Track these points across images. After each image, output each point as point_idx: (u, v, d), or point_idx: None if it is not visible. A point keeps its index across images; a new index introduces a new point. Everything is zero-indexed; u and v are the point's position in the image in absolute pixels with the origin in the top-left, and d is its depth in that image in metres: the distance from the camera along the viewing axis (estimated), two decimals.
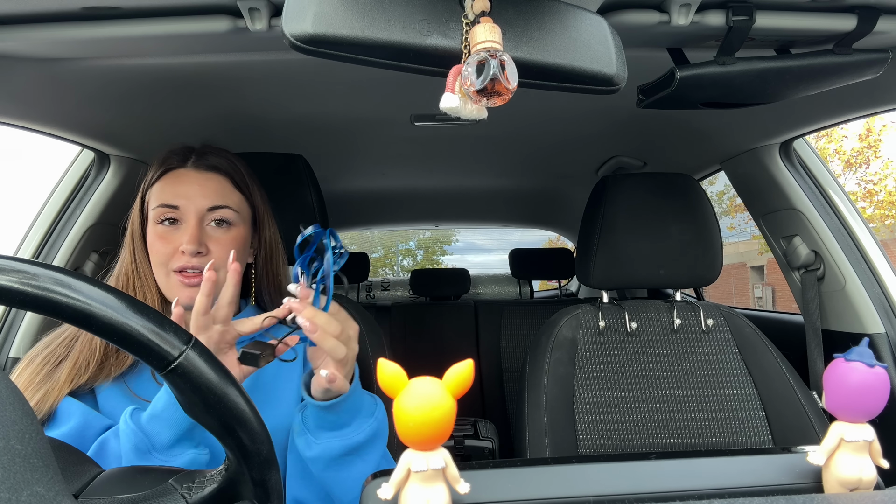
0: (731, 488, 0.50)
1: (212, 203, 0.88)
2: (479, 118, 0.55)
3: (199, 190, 0.87)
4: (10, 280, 0.39)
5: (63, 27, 0.77)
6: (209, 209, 0.87)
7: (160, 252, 0.86)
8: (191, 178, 0.88)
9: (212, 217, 0.88)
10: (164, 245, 0.86)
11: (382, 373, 0.43)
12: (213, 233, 0.88)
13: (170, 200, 0.86)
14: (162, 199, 0.87)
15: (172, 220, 0.86)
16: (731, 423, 1.21)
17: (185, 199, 0.86)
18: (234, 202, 0.91)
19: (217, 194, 0.89)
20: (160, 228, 0.86)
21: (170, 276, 0.86)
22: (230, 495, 0.46)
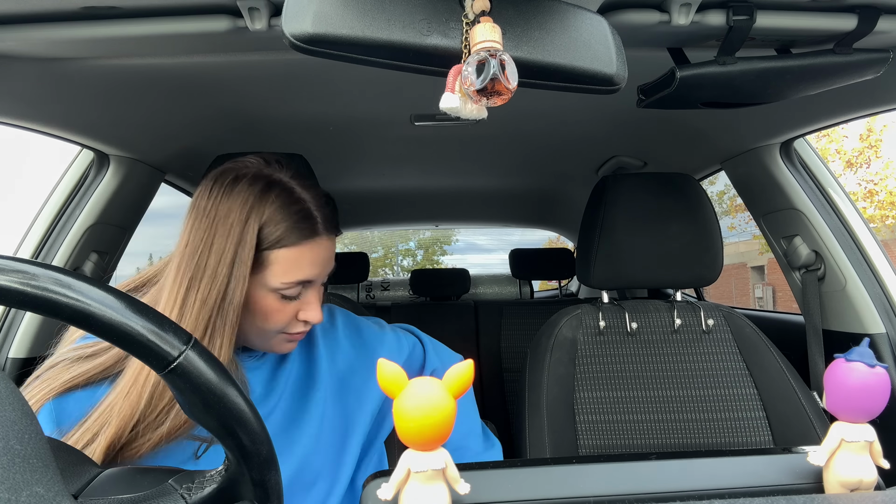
0: (732, 489, 0.50)
1: (332, 267, 0.81)
2: (479, 118, 0.55)
3: (329, 259, 0.79)
4: (10, 280, 0.39)
5: (63, 27, 0.77)
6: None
7: (279, 321, 0.76)
8: (325, 247, 0.78)
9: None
10: (283, 315, 0.76)
11: (382, 373, 0.43)
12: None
13: (306, 276, 0.75)
14: (298, 274, 0.74)
15: (299, 294, 0.77)
16: (731, 423, 1.21)
17: (320, 272, 0.78)
18: None
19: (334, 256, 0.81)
20: (284, 301, 0.76)
21: (277, 336, 0.78)
22: (230, 495, 0.46)
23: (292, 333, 0.79)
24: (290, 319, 0.78)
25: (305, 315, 0.78)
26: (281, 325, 0.77)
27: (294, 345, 0.81)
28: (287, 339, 0.80)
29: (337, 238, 0.83)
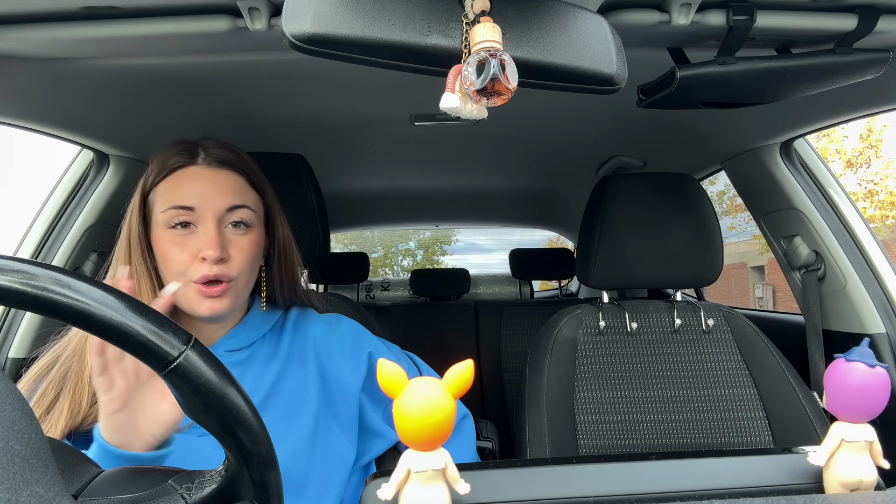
0: (732, 488, 0.50)
1: (230, 202, 0.80)
2: (479, 118, 0.55)
3: (216, 188, 0.80)
4: (10, 280, 0.39)
5: (63, 27, 0.77)
6: (228, 209, 0.80)
7: (176, 260, 0.78)
8: (204, 176, 0.80)
9: (230, 218, 0.80)
10: (180, 252, 0.78)
11: (382, 373, 0.43)
12: (233, 236, 0.81)
13: (183, 201, 0.78)
14: (173, 199, 0.78)
15: (186, 223, 0.78)
16: (731, 423, 1.21)
17: (201, 199, 0.78)
18: (251, 201, 0.84)
19: (234, 193, 0.81)
20: (173, 233, 0.78)
21: (188, 287, 0.78)
22: (230, 495, 0.46)
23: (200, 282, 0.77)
24: (191, 259, 0.78)
25: (201, 250, 0.77)
26: (181, 265, 0.78)
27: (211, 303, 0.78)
28: (199, 291, 0.78)
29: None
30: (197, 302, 0.79)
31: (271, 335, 0.91)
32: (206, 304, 0.79)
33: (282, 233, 0.91)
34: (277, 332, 0.92)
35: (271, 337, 0.91)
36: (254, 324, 0.90)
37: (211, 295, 0.78)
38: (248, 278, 0.84)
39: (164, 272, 0.80)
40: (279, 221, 0.91)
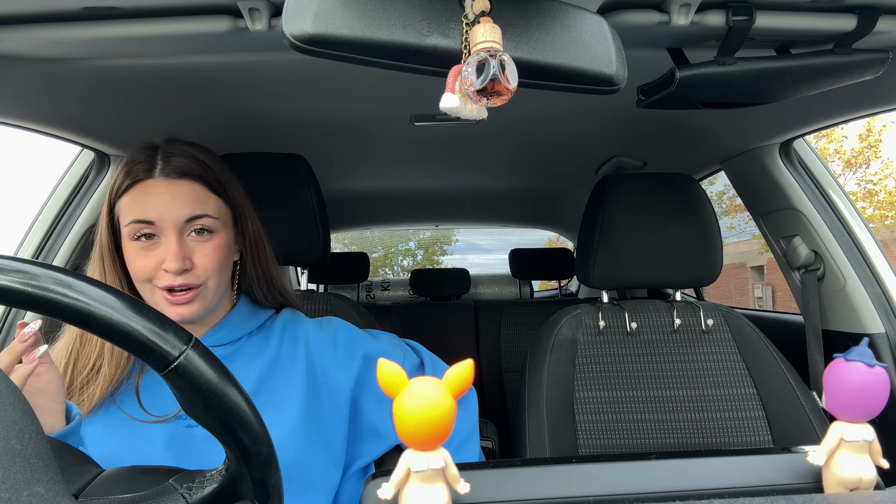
0: (731, 488, 0.50)
1: (189, 213, 0.81)
2: (479, 118, 0.55)
3: (173, 201, 0.81)
4: (10, 280, 0.39)
5: (63, 27, 0.77)
6: (187, 220, 0.81)
7: (142, 269, 0.80)
8: (162, 189, 0.81)
9: (192, 227, 0.82)
10: (144, 262, 0.80)
11: (382, 373, 0.43)
12: (195, 244, 0.82)
13: (143, 215, 0.80)
14: (134, 213, 0.80)
15: (149, 234, 0.81)
16: (730, 423, 1.21)
17: (160, 213, 0.80)
18: (212, 208, 0.84)
19: (193, 202, 0.82)
20: (138, 245, 0.81)
21: (154, 293, 0.81)
22: (230, 495, 0.46)
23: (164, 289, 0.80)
24: (154, 268, 0.80)
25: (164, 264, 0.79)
26: (146, 273, 0.80)
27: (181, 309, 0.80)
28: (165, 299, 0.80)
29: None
30: (165, 308, 0.80)
31: (259, 335, 0.92)
32: (175, 311, 0.80)
33: (251, 229, 0.92)
34: (266, 333, 0.92)
35: (259, 336, 0.92)
36: (237, 321, 0.90)
37: (178, 302, 0.80)
38: (218, 281, 0.85)
39: (134, 279, 0.83)
40: (248, 218, 0.92)
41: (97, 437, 0.78)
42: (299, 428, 0.84)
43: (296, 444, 0.83)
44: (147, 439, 0.78)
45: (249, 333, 0.91)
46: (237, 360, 0.88)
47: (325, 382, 0.90)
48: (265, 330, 0.93)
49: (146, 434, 0.79)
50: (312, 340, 0.93)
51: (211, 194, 0.85)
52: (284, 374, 0.88)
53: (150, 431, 0.79)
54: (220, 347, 0.88)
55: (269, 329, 0.93)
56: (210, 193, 0.85)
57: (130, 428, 0.79)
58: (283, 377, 0.88)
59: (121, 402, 0.81)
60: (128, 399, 0.81)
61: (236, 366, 0.87)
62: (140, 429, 0.79)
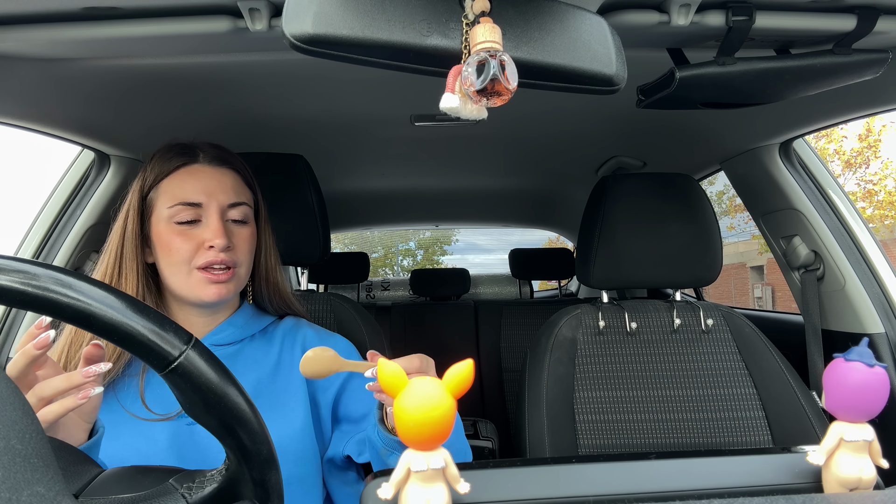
0: (731, 488, 0.50)
1: (232, 199, 0.85)
2: (479, 118, 0.55)
3: (219, 185, 0.85)
4: (11, 280, 0.39)
5: (63, 27, 0.77)
6: (230, 205, 0.85)
7: (182, 249, 0.81)
8: (207, 173, 0.85)
9: (231, 214, 0.85)
10: (184, 242, 0.82)
11: (382, 373, 0.43)
12: (234, 228, 0.86)
13: (190, 198, 0.83)
14: (180, 196, 0.83)
15: (191, 221, 0.83)
16: (730, 423, 1.21)
17: (207, 195, 0.83)
18: (248, 198, 0.89)
19: (235, 190, 0.87)
20: (177, 229, 0.82)
21: (192, 274, 0.82)
22: (230, 495, 0.46)
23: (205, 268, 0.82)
24: (196, 248, 0.82)
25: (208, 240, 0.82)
26: (186, 253, 0.82)
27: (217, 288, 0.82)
28: (204, 277, 0.82)
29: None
30: (202, 287, 0.82)
31: (262, 339, 0.92)
32: (213, 289, 0.82)
33: (267, 235, 0.95)
34: (268, 338, 0.93)
35: (261, 341, 0.92)
36: (241, 322, 0.91)
37: (218, 280, 0.82)
38: (247, 270, 0.89)
39: (166, 263, 0.83)
40: (265, 220, 0.95)
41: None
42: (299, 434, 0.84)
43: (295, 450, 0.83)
44: (149, 438, 0.78)
45: (252, 336, 0.92)
46: (239, 363, 0.88)
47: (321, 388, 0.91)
48: (268, 334, 0.94)
49: (148, 432, 0.79)
50: (309, 344, 0.93)
51: (246, 187, 0.90)
52: (285, 380, 0.89)
53: (152, 430, 0.79)
54: (222, 347, 0.88)
55: (272, 334, 0.94)
56: (245, 186, 0.90)
57: (133, 426, 0.79)
58: (283, 383, 0.88)
59: (124, 400, 0.81)
60: (131, 397, 0.82)
61: (238, 368, 0.87)
62: (142, 427, 0.79)
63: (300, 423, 0.85)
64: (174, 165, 0.85)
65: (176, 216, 0.82)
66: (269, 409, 0.85)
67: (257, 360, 0.89)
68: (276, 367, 0.90)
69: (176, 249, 0.82)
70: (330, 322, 1.24)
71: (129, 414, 0.80)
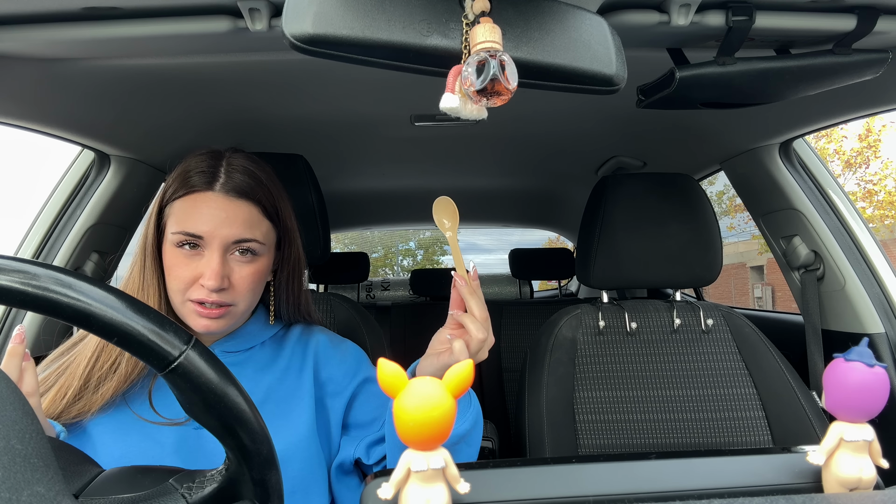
0: (731, 488, 0.50)
1: (238, 235, 0.80)
2: (479, 118, 0.55)
3: (227, 220, 0.80)
4: (11, 280, 0.39)
5: (63, 27, 0.77)
6: (235, 241, 0.80)
7: (179, 278, 0.79)
8: (218, 205, 0.80)
9: (236, 248, 0.81)
10: (183, 271, 0.79)
11: (382, 373, 0.43)
12: (236, 265, 0.81)
13: (192, 229, 0.79)
14: (183, 225, 0.79)
15: (193, 245, 0.80)
16: (730, 422, 1.21)
17: (210, 228, 0.79)
18: (261, 233, 0.83)
19: (245, 225, 0.81)
20: (180, 252, 0.80)
21: (185, 304, 0.80)
22: (230, 495, 0.46)
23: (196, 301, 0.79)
24: (191, 280, 0.79)
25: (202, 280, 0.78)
26: (182, 282, 0.79)
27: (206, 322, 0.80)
28: (195, 310, 0.79)
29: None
30: (192, 319, 0.80)
31: (272, 344, 0.92)
32: (202, 323, 0.80)
33: (293, 254, 0.91)
34: (278, 343, 0.92)
35: (272, 346, 0.92)
36: (254, 330, 0.91)
37: (209, 315, 0.80)
38: (249, 304, 0.85)
39: (168, 282, 0.82)
40: (293, 242, 0.91)
41: (107, 438, 0.77)
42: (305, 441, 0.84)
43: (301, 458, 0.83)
44: (156, 441, 0.78)
45: (262, 343, 0.91)
46: (248, 369, 0.87)
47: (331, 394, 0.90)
48: (278, 339, 0.93)
49: (156, 436, 0.78)
50: (321, 350, 0.93)
51: (263, 218, 0.84)
52: (293, 385, 0.88)
53: (159, 433, 0.78)
54: (232, 354, 0.88)
55: (283, 339, 0.93)
56: (263, 217, 0.84)
57: (140, 429, 0.78)
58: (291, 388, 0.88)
59: (132, 404, 0.81)
60: (139, 401, 0.81)
61: (247, 374, 0.86)
62: (150, 430, 0.79)
63: (306, 429, 0.84)
64: (188, 188, 0.81)
65: (178, 242, 0.80)
66: (276, 414, 0.84)
67: (267, 365, 0.89)
68: (285, 372, 0.89)
69: (175, 276, 0.80)
70: (330, 322, 1.24)
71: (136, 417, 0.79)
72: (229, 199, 0.81)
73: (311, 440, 0.84)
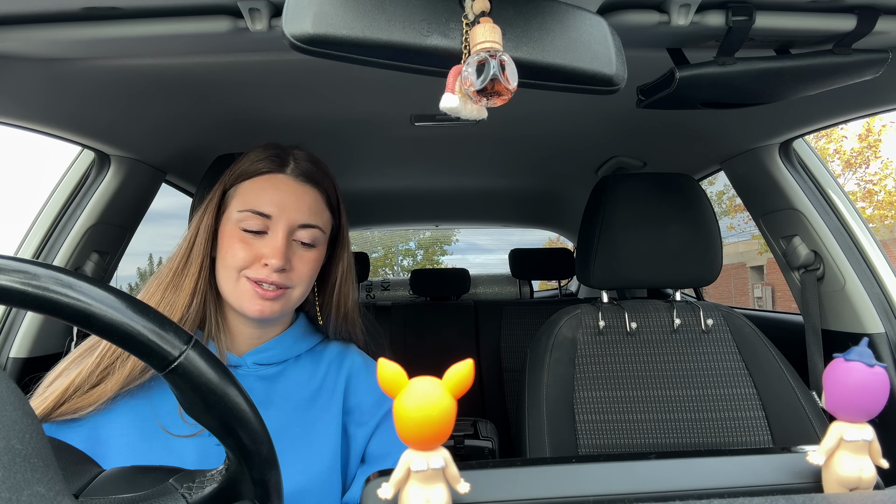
0: (731, 488, 0.50)
1: (305, 219, 0.81)
2: (479, 118, 0.55)
3: (296, 203, 0.81)
4: (11, 280, 0.39)
5: (63, 27, 0.77)
6: (301, 225, 0.81)
7: (238, 257, 0.78)
8: (288, 188, 0.81)
9: (300, 234, 0.82)
10: (243, 250, 0.79)
11: (382, 373, 0.43)
12: (298, 249, 0.82)
13: (262, 208, 0.79)
14: (252, 203, 0.80)
15: (258, 231, 0.80)
16: (730, 422, 1.21)
17: (279, 209, 0.80)
18: (323, 221, 0.84)
19: (311, 211, 0.82)
20: (241, 234, 0.79)
21: (240, 282, 0.79)
22: (230, 495, 0.46)
23: (256, 280, 0.78)
24: (252, 259, 0.79)
25: (266, 256, 0.78)
26: (241, 262, 0.79)
27: (262, 305, 0.79)
28: (252, 290, 0.78)
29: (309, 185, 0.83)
30: (248, 300, 0.79)
31: (308, 358, 0.89)
32: (258, 306, 0.79)
33: (346, 258, 0.91)
34: (315, 359, 0.89)
35: (308, 360, 0.88)
36: (290, 341, 0.88)
37: (265, 297, 0.79)
38: (303, 292, 0.84)
39: (222, 264, 0.81)
40: (346, 245, 0.91)
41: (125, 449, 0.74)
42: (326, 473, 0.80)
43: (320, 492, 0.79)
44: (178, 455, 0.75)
45: (297, 357, 0.88)
46: (280, 385, 0.84)
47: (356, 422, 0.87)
48: (315, 355, 0.90)
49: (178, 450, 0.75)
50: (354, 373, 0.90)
51: (325, 208, 0.86)
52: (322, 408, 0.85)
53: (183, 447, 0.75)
54: (266, 367, 0.85)
55: (320, 354, 0.90)
56: (325, 207, 0.86)
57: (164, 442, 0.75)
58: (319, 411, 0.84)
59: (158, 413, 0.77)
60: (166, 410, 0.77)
61: (278, 391, 0.83)
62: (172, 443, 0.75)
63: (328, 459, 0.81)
64: (259, 169, 0.82)
65: (243, 222, 0.80)
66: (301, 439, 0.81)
67: (299, 383, 0.85)
68: (317, 394, 0.85)
69: (233, 255, 0.79)
70: None
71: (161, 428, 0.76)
72: (299, 182, 0.83)
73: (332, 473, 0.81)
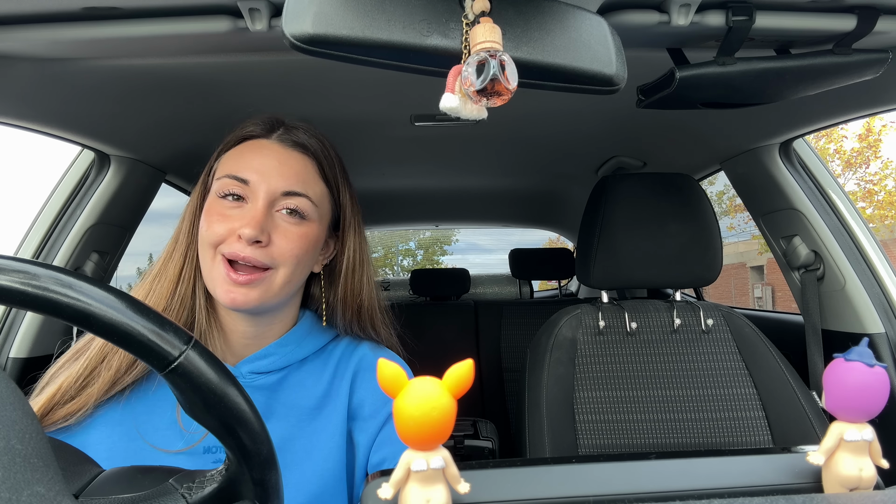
0: (731, 488, 0.50)
1: (288, 186, 0.72)
2: (479, 118, 0.55)
3: (278, 167, 0.72)
4: (11, 280, 0.39)
5: (63, 27, 0.77)
6: (283, 193, 0.72)
7: (213, 231, 0.70)
8: (271, 152, 0.73)
9: (284, 203, 0.72)
10: (219, 223, 0.70)
11: (382, 373, 0.43)
12: (282, 222, 0.72)
13: (239, 172, 0.71)
14: (231, 168, 0.72)
15: (238, 196, 0.71)
16: (730, 422, 1.21)
17: (258, 175, 0.71)
18: (315, 192, 0.75)
19: (297, 177, 0.73)
20: (222, 204, 0.72)
21: (216, 262, 0.70)
22: (230, 495, 0.46)
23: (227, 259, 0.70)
24: (226, 234, 0.70)
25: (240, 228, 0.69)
26: (216, 236, 0.70)
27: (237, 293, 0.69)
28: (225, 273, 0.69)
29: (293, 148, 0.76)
30: (219, 285, 0.70)
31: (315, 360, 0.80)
32: (229, 294, 0.69)
33: (354, 245, 0.81)
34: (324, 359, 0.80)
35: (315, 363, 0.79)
36: (292, 345, 0.78)
37: (237, 282, 0.69)
38: (289, 276, 0.73)
39: (200, 241, 0.73)
40: (354, 231, 0.81)
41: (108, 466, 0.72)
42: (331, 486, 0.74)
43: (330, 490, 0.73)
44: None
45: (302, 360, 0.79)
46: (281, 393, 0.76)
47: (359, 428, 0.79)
48: (324, 354, 0.81)
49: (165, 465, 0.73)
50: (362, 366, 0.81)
51: (319, 179, 0.76)
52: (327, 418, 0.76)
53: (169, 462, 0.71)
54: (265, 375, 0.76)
55: (329, 353, 0.81)
56: (318, 178, 0.76)
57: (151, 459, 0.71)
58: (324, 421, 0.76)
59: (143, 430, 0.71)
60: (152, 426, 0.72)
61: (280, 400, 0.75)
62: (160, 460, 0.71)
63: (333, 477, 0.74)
64: (243, 136, 0.76)
65: (222, 189, 0.72)
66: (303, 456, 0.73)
67: (304, 389, 0.77)
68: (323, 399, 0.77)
69: (207, 229, 0.71)
70: None
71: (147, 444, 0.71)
72: (284, 147, 0.75)
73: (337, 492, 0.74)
